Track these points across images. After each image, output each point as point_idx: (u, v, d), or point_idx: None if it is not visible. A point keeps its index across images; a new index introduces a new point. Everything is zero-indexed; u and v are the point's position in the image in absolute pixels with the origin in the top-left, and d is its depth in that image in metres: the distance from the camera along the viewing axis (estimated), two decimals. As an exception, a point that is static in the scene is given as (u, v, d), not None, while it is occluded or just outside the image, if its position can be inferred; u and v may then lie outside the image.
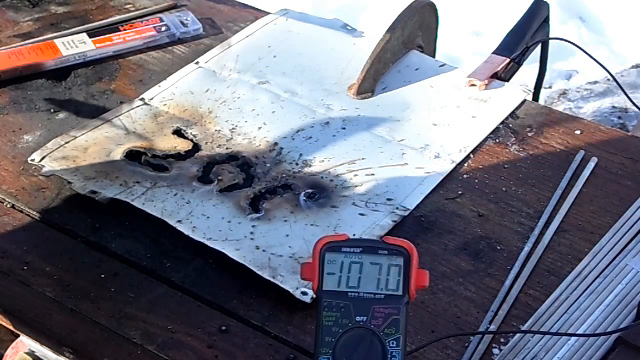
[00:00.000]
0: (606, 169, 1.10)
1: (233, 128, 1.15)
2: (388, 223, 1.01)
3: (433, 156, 1.11)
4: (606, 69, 1.27)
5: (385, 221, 1.01)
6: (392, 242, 0.78)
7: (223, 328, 0.91)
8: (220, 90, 1.22)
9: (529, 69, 1.39)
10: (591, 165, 1.10)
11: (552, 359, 0.87)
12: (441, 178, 1.08)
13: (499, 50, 1.28)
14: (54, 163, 1.09)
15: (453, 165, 1.10)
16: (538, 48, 1.36)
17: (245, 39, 1.32)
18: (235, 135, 1.14)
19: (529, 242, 1.00)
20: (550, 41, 1.38)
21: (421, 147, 1.12)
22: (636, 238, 1.00)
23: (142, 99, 1.20)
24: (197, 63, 1.27)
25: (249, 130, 1.15)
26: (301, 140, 1.14)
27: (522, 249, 0.99)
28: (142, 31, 1.32)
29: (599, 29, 2.68)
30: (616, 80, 1.29)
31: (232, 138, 1.14)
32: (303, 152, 1.11)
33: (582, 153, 1.12)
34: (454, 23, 2.38)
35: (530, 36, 1.31)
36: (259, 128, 1.15)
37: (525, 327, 0.91)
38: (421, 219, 1.03)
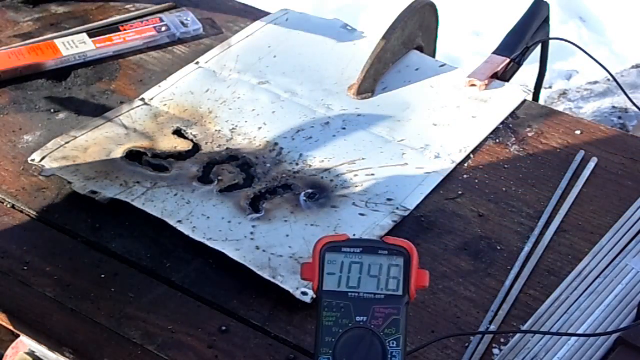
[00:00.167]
0: (606, 169, 1.10)
1: (233, 128, 1.15)
2: (388, 223, 1.01)
3: (433, 156, 1.11)
4: (606, 69, 1.27)
5: (385, 221, 1.01)
6: (392, 242, 0.78)
7: (223, 328, 0.91)
8: (220, 90, 1.22)
9: (529, 69, 1.39)
10: (591, 165, 1.10)
11: (552, 359, 0.87)
12: (441, 178, 1.08)
13: (499, 50, 1.28)
14: (54, 163, 1.09)
15: (453, 165, 1.10)
16: (538, 48, 1.36)
17: (245, 39, 1.32)
18: (235, 135, 1.14)
19: (529, 242, 1.00)
20: (550, 41, 1.37)
21: (421, 147, 1.12)
22: (636, 238, 1.00)
23: (142, 99, 1.20)
24: (197, 63, 1.27)
25: (249, 130, 1.15)
26: (301, 140, 1.13)
27: (522, 249, 0.99)
28: (142, 31, 1.32)
29: (599, 29, 2.68)
30: (616, 80, 1.28)
31: (232, 138, 1.14)
32: (303, 152, 1.11)
33: (582, 153, 1.12)
34: (454, 23, 2.38)
35: (530, 36, 1.31)
36: (259, 128, 1.15)
37: (525, 327, 0.91)
38: (421, 219, 1.03)
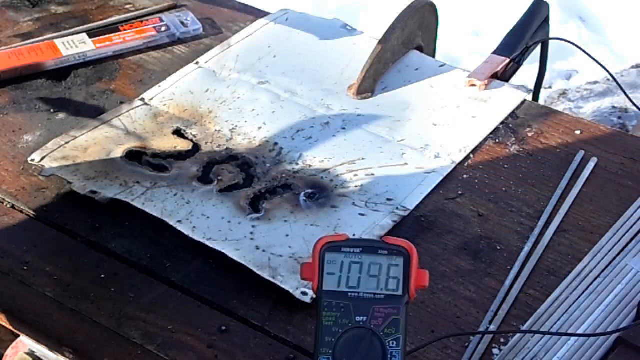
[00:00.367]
0: (606, 169, 1.10)
1: (233, 128, 1.15)
2: (388, 223, 1.01)
3: (433, 156, 1.11)
4: (606, 69, 1.27)
5: (385, 221, 1.01)
6: (392, 242, 0.78)
7: (223, 328, 0.91)
8: (220, 90, 1.22)
9: (529, 69, 1.39)
10: (591, 165, 1.10)
11: (552, 359, 0.87)
12: (441, 178, 1.08)
13: (499, 50, 1.28)
14: (54, 163, 1.09)
15: (453, 165, 1.10)
16: (538, 48, 1.36)
17: (245, 39, 1.32)
18: (235, 135, 1.14)
19: (529, 242, 1.00)
20: (550, 41, 1.37)
21: (421, 147, 1.12)
22: (636, 238, 1.00)
23: (142, 99, 1.20)
24: (197, 63, 1.27)
25: (249, 130, 1.15)
26: (301, 140, 1.13)
27: (522, 249, 0.99)
28: (142, 31, 1.32)
29: (599, 29, 2.68)
30: (616, 80, 1.28)
31: (232, 138, 1.14)
32: (303, 152, 1.11)
33: (582, 153, 1.12)
34: (454, 23, 2.38)
35: (530, 36, 1.31)
36: (259, 128, 1.15)
37: (525, 327, 0.91)
38: (421, 219, 1.03)
